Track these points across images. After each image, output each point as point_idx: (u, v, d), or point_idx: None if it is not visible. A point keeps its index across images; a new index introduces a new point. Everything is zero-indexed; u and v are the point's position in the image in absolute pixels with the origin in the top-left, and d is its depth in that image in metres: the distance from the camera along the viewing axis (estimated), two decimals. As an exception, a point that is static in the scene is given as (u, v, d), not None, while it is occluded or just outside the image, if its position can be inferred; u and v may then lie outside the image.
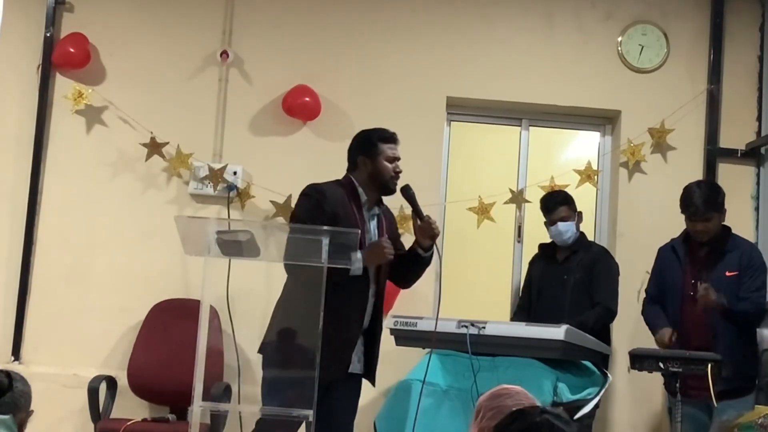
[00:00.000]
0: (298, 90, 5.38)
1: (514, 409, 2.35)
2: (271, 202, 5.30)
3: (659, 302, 4.72)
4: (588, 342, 4.41)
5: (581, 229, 5.04)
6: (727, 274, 4.49)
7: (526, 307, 5.07)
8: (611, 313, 4.84)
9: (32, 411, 3.11)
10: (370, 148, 3.99)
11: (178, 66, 5.46)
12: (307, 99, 5.36)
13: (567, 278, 4.88)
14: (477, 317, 4.32)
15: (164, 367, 4.95)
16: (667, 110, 5.49)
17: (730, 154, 5.49)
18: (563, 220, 4.91)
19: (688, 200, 4.56)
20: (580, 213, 5.03)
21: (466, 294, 6.08)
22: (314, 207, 3.83)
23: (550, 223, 4.96)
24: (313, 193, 3.90)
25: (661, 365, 4.18)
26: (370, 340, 3.95)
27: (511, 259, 5.64)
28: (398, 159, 4.03)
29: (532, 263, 5.19)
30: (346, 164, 3.93)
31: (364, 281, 3.85)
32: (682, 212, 4.62)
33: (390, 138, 4.05)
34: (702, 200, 4.51)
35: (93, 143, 5.41)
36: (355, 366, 3.91)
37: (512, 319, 5.17)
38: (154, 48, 5.48)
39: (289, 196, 5.19)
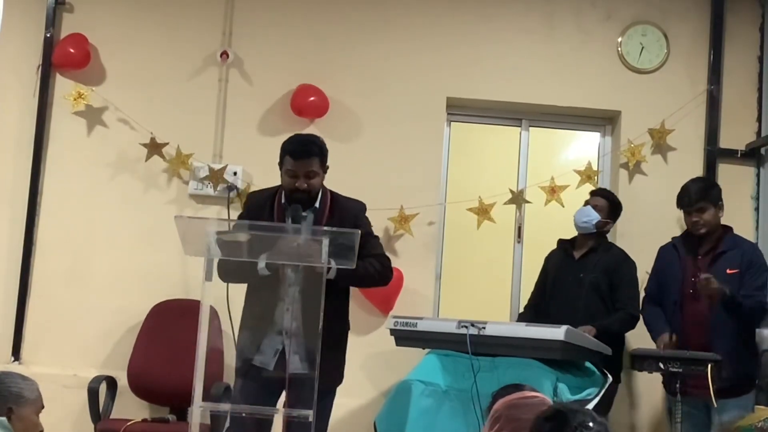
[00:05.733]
0: (305, 89, 5.37)
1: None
2: (271, 202, 5.29)
3: (659, 302, 4.72)
4: (588, 342, 4.40)
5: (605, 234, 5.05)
6: (728, 272, 4.49)
7: (536, 305, 5.04)
8: (634, 320, 4.83)
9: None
10: (280, 156, 3.95)
11: (178, 66, 5.46)
12: (313, 98, 5.35)
13: (583, 277, 4.86)
14: (477, 317, 4.31)
15: (164, 367, 4.94)
16: (667, 111, 5.49)
17: (730, 155, 5.49)
18: (595, 208, 4.93)
19: (682, 192, 4.66)
20: (608, 222, 5.01)
21: (466, 294, 6.07)
22: (243, 214, 4.07)
23: (585, 202, 5.02)
24: (246, 201, 4.27)
25: (661, 365, 4.18)
26: (296, 341, 3.83)
27: (511, 260, 5.63)
28: (297, 176, 3.84)
29: (548, 258, 5.14)
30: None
31: (273, 281, 3.81)
32: (678, 207, 4.70)
33: (292, 152, 3.88)
34: (694, 190, 4.60)
35: (93, 144, 5.41)
36: (264, 361, 3.87)
37: (519, 315, 5.16)
38: (154, 48, 5.48)
39: (289, 197, 5.19)
